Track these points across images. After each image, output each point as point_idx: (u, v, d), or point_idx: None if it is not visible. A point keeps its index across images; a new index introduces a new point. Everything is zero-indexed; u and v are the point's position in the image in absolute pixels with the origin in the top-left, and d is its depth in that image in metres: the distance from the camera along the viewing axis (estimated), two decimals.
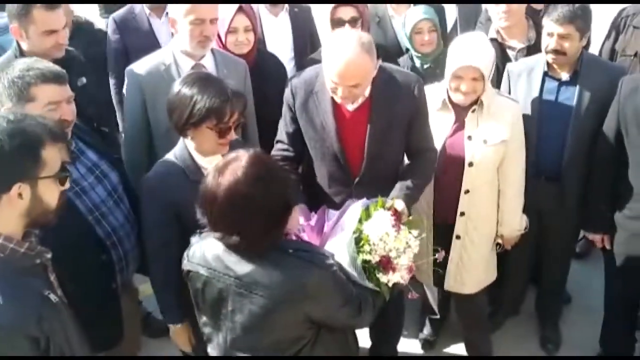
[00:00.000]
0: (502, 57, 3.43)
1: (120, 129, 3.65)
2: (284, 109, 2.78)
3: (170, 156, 2.46)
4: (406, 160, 2.84)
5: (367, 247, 2.09)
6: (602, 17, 3.93)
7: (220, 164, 1.89)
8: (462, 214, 2.90)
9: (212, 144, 2.36)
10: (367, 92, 2.58)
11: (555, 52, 2.95)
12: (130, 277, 2.76)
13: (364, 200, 2.26)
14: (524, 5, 3.48)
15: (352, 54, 2.36)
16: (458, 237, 2.96)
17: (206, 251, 1.98)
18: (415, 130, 2.69)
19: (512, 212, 2.98)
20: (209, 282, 1.97)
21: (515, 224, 3.00)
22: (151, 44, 3.49)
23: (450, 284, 3.09)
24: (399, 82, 2.64)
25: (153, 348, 3.51)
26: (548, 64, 3.07)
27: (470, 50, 2.72)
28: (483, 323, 3.42)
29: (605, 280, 3.25)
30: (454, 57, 2.74)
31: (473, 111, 2.82)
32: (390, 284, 2.14)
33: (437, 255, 2.44)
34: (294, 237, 2.17)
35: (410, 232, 2.18)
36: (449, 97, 2.84)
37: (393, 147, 2.69)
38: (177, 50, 2.93)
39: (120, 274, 2.56)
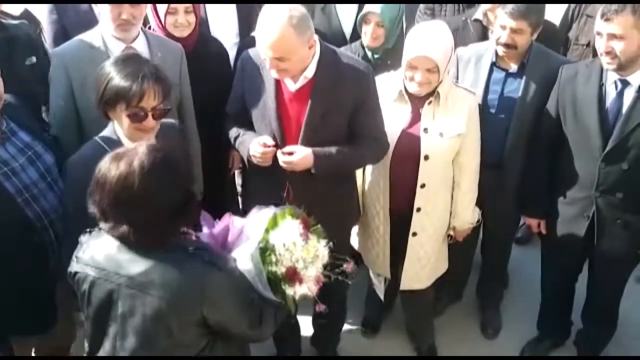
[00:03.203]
0: (483, 39, 3.42)
1: None
2: (234, 83, 2.75)
3: (97, 139, 2.31)
4: None
5: (272, 258, 1.98)
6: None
7: (119, 151, 1.80)
8: (419, 209, 2.88)
9: (129, 129, 2.23)
10: (310, 74, 2.54)
11: (507, 45, 2.97)
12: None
13: (271, 208, 2.13)
14: None
15: (276, 26, 2.36)
16: (414, 234, 2.94)
17: (96, 250, 1.85)
18: (360, 119, 2.63)
19: (466, 205, 2.98)
20: (97, 284, 1.84)
21: (468, 216, 3.01)
22: (91, 23, 3.36)
23: (405, 284, 3.09)
24: (346, 67, 2.59)
25: None
26: (497, 54, 3.08)
27: (426, 41, 2.66)
28: (428, 313, 3.46)
29: (541, 265, 3.32)
30: (410, 46, 2.69)
31: (429, 103, 2.77)
32: (297, 296, 2.04)
33: (345, 266, 2.17)
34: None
35: (319, 242, 2.06)
36: (405, 87, 2.79)
37: (332, 133, 2.63)
38: (106, 33, 2.75)
39: (53, 257, 2.48)
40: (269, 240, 1.99)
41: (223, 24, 3.62)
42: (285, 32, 2.36)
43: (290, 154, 2.54)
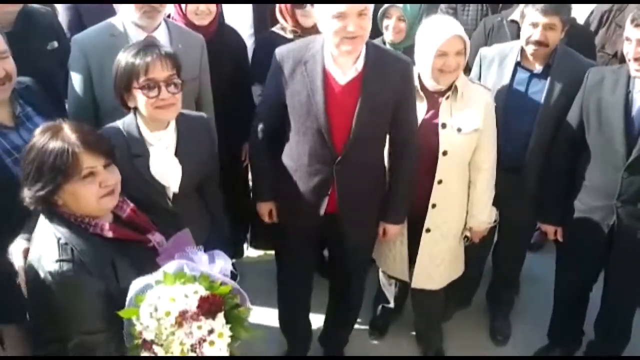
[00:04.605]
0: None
1: None
2: (268, 81, 2.66)
3: (118, 123, 2.31)
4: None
5: (138, 310, 1.68)
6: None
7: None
8: (434, 205, 2.83)
9: (148, 109, 2.20)
10: (360, 66, 2.50)
11: (539, 43, 2.91)
12: None
13: (194, 264, 1.79)
14: None
15: None
16: (428, 230, 2.89)
17: None
18: (402, 114, 2.62)
19: (482, 204, 2.93)
20: None
21: (485, 216, 2.96)
22: (106, 9, 3.31)
23: (417, 282, 3.03)
24: (391, 62, 2.58)
25: None
26: (521, 54, 3.04)
27: (448, 23, 2.67)
28: (438, 317, 3.41)
29: (555, 273, 3.26)
30: (436, 34, 2.64)
31: (447, 98, 2.73)
32: None
33: None
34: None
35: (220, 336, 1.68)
36: (421, 84, 2.76)
37: (379, 126, 2.63)
38: (128, 21, 2.71)
39: None
40: (146, 292, 1.68)
41: (238, 15, 3.59)
42: None
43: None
